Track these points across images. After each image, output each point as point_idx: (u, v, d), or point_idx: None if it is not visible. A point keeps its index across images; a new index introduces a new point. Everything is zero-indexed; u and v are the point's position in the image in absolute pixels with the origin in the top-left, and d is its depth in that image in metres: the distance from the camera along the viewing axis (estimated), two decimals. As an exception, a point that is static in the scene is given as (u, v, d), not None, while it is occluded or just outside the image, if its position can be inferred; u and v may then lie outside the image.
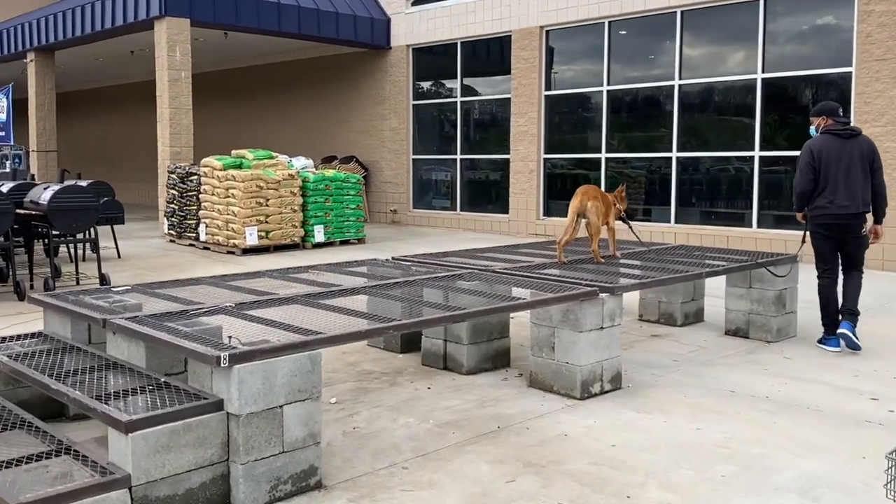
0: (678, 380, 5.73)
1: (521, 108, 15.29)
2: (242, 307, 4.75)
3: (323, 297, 5.12)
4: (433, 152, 17.47)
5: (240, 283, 5.76)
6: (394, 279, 5.76)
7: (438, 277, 5.78)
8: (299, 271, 6.29)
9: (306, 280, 5.86)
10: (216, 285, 5.69)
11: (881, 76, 11.11)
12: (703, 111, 13.31)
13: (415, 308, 4.95)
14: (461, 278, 5.86)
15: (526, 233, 15.23)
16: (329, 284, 5.61)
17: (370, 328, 4.09)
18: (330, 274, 6.23)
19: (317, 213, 13.51)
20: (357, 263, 6.67)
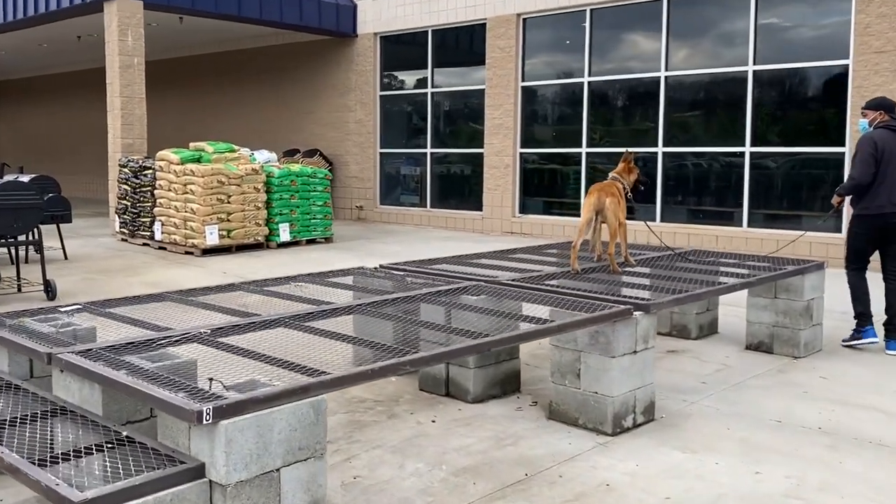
0: (714, 407, 5.06)
1: (496, 99, 14.57)
2: (219, 333, 3.94)
3: (313, 317, 4.33)
4: (401, 146, 16.67)
5: (211, 299, 4.94)
6: (390, 294, 4.99)
7: (441, 292, 5.02)
8: (278, 283, 5.47)
9: (288, 295, 5.05)
10: (183, 302, 4.85)
11: (880, 69, 10.62)
12: (691, 104, 12.74)
13: (424, 333, 4.19)
14: (466, 292, 5.10)
15: (501, 231, 14.53)
16: (317, 301, 4.81)
17: (384, 365, 3.32)
18: (314, 286, 5.43)
19: (282, 210, 12.63)
20: (342, 273, 5.88)
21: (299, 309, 4.52)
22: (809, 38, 11.47)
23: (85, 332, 4.08)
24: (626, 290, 5.15)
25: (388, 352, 3.60)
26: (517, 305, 4.98)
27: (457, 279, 5.53)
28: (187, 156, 12.16)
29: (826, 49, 11.26)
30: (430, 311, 4.80)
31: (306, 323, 4.24)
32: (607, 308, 4.53)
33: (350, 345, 3.95)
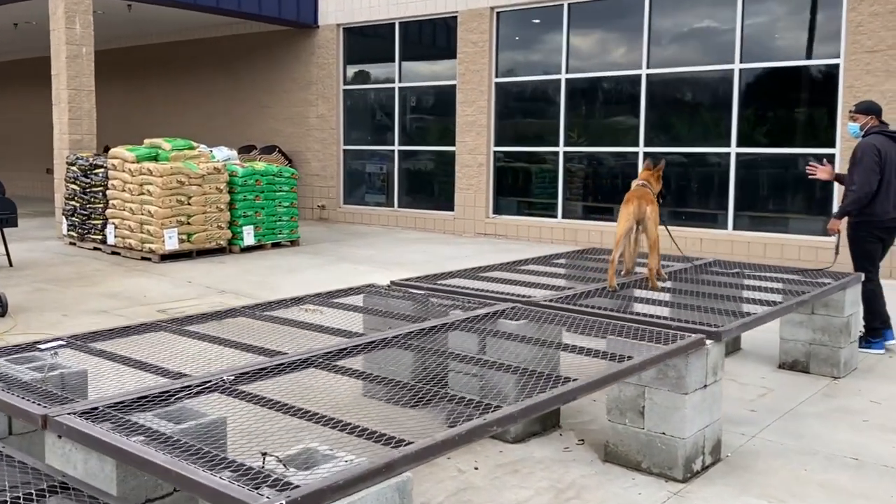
0: (778, 442, 4.57)
1: (468, 95, 13.98)
2: (242, 379, 3.27)
3: (346, 354, 3.68)
4: (367, 143, 15.96)
5: (212, 329, 4.24)
6: (421, 320, 4.36)
7: (478, 318, 4.41)
8: (284, 306, 4.80)
9: (302, 323, 4.38)
10: (180, 333, 4.15)
11: (872, 69, 10.36)
12: (674, 103, 12.35)
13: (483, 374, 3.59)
14: (504, 316, 4.51)
15: (474, 232, 13.97)
16: (340, 331, 4.16)
17: (473, 427, 2.71)
18: (327, 311, 4.76)
19: (246, 211, 11.84)
20: (353, 292, 5.22)
21: (326, 343, 3.87)
22: (799, 37, 11.17)
23: (76, 378, 3.38)
24: (681, 313, 4.63)
25: (457, 403, 2.99)
26: (567, 333, 4.41)
27: (485, 299, 4.94)
28: (143, 153, 11.27)
29: (816, 48, 10.98)
30: (475, 343, 4.19)
31: (340, 361, 3.60)
32: (679, 338, 3.99)
33: (403, 392, 3.32)
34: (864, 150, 6.33)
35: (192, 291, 8.86)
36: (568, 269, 6.29)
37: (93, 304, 8.11)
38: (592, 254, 7.19)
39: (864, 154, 6.31)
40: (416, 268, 10.44)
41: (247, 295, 8.63)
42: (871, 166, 6.23)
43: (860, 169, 6.28)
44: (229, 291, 8.86)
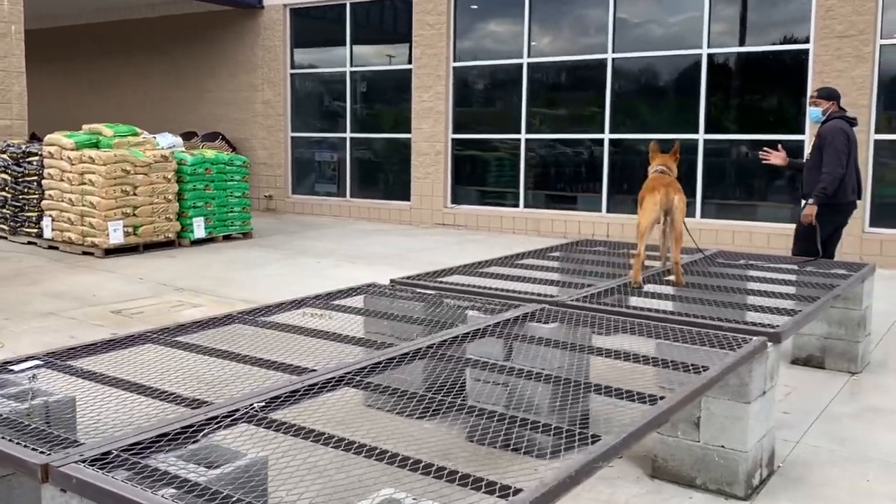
0: (826, 448, 4.26)
1: (425, 80, 13.45)
2: (273, 406, 2.74)
3: (381, 368, 3.19)
4: (316, 130, 15.29)
5: (210, 341, 3.68)
6: (447, 326, 3.89)
7: (507, 322, 3.95)
8: (282, 310, 4.24)
9: (311, 331, 3.84)
10: (173, 346, 3.57)
11: (842, 54, 10.25)
12: (641, 89, 12.08)
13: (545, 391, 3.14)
14: (532, 319, 4.07)
15: (432, 223, 13.49)
16: (357, 339, 3.65)
17: (582, 464, 2.26)
18: (335, 315, 4.24)
19: (196, 202, 11.10)
20: (354, 292, 4.70)
21: (352, 355, 3.36)
22: (768, 21, 11.00)
23: (64, 408, 2.80)
24: (723, 311, 4.26)
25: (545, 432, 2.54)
26: (609, 337, 3.99)
27: (502, 299, 4.48)
28: (83, 140, 10.44)
29: (785, 33, 10.83)
30: (515, 352, 3.74)
31: (375, 377, 3.10)
32: (742, 340, 3.61)
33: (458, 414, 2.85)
34: (833, 133, 6.34)
35: (145, 289, 8.17)
36: (571, 264, 5.88)
37: (37, 305, 7.36)
38: (587, 246, 6.80)
39: (834, 138, 6.32)
40: (384, 261, 9.93)
41: (208, 292, 7.99)
42: (841, 149, 6.28)
43: (831, 152, 6.28)
44: (187, 289, 8.19)
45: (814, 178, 6.46)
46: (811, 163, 6.57)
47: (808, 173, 6.61)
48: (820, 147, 6.47)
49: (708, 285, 5.05)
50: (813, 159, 6.53)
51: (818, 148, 6.50)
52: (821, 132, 6.53)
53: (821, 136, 6.49)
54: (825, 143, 6.38)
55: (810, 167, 6.57)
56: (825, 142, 6.39)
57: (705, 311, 4.25)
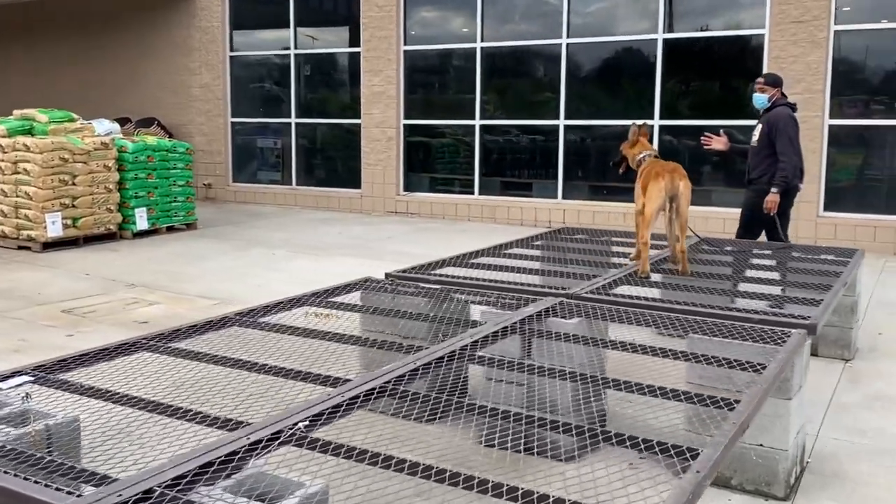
0: (848, 441, 4.15)
1: (374, 64, 13.07)
2: (317, 424, 2.43)
3: (416, 376, 2.89)
4: (259, 115, 14.73)
5: (210, 347, 3.32)
6: (462, 323, 3.62)
7: (529, 317, 3.70)
8: (281, 309, 3.89)
9: (320, 333, 3.51)
10: (172, 354, 3.20)
11: (798, 39, 10.31)
12: (596, 74, 11.95)
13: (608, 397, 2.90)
14: (553, 313, 3.83)
15: (384, 211, 13.14)
16: (373, 342, 3.34)
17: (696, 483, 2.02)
18: (343, 315, 3.91)
19: (138, 192, 10.51)
20: (352, 288, 4.37)
21: (384, 362, 3.05)
22: (724, 6, 10.99)
23: (68, 431, 2.43)
24: (744, 302, 4.10)
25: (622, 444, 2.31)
26: (638, 331, 3.79)
27: (510, 292, 4.23)
28: (15, 126, 9.75)
29: (741, 18, 10.84)
30: (549, 351, 3.49)
31: (413, 386, 2.81)
32: (781, 334, 3.44)
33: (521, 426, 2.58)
34: (785, 120, 6.42)
35: (94, 286, 7.63)
36: (561, 253, 5.66)
37: (-24, 304, 6.79)
38: (568, 234, 6.60)
39: (786, 125, 6.40)
40: (342, 251, 9.57)
41: (162, 288, 7.52)
42: (794, 136, 6.38)
43: (785, 140, 6.34)
44: (140, 284, 7.69)
45: (762, 163, 6.51)
46: (759, 149, 6.61)
47: (754, 158, 6.66)
48: (769, 134, 6.51)
49: (712, 274, 4.90)
50: (761, 145, 6.57)
51: (767, 135, 6.53)
52: (771, 119, 6.57)
53: (771, 123, 6.54)
54: (777, 130, 6.46)
55: (757, 153, 6.61)
56: (776, 129, 6.47)
57: (724, 302, 4.10)
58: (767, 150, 6.45)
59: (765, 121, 6.52)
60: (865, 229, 10.17)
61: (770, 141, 6.40)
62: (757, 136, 6.55)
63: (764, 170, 6.49)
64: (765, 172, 6.49)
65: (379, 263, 8.79)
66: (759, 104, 6.66)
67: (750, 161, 6.64)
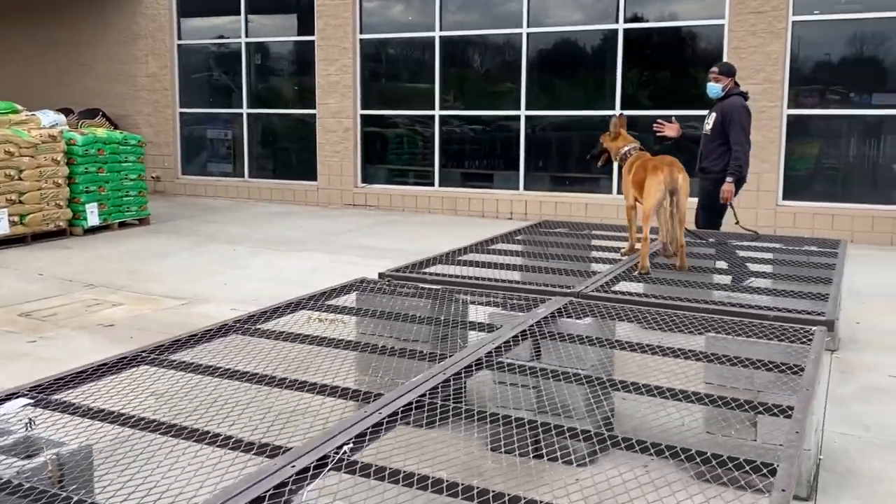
0: (854, 436, 4.13)
1: (329, 53, 12.77)
2: (361, 444, 2.25)
3: (448, 388, 2.74)
4: (209, 105, 14.29)
5: (215, 358, 3.11)
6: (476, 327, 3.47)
7: (545, 320, 3.57)
8: (280, 315, 3.68)
9: (330, 340, 3.32)
10: (175, 367, 2.99)
11: (757, 30, 10.38)
12: (557, 65, 11.88)
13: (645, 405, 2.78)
14: (565, 314, 3.71)
15: (341, 203, 12.88)
16: (392, 350, 3.16)
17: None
18: (348, 320, 3.72)
19: (88, 186, 10.07)
20: (348, 289, 4.18)
21: (410, 372, 2.89)
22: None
23: (82, 462, 2.21)
24: (756, 298, 4.04)
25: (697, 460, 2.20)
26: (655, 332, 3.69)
27: (511, 291, 4.10)
28: (-45, 118, 9.22)
29: (700, 8, 10.87)
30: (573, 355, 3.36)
31: (453, 400, 2.65)
32: (802, 332, 3.38)
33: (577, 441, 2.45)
34: (739, 110, 6.50)
35: (50, 287, 7.26)
36: (550, 248, 5.55)
37: (-77, 310, 6.38)
38: (548, 227, 6.50)
39: (741, 115, 6.48)
40: (305, 246, 9.32)
41: (124, 288, 7.19)
42: (747, 125, 6.46)
43: (738, 129, 6.42)
44: (98, 285, 7.34)
45: (714, 152, 6.55)
46: (712, 137, 6.64)
47: (707, 147, 6.69)
48: (723, 123, 6.55)
49: (708, 269, 4.84)
50: (714, 134, 6.61)
51: (720, 124, 6.58)
52: (724, 109, 6.62)
53: (724, 112, 6.59)
54: (730, 120, 6.53)
55: (711, 141, 6.64)
56: (730, 119, 6.53)
57: (730, 299, 4.03)
58: (720, 139, 6.52)
59: (718, 110, 6.56)
60: (824, 217, 10.32)
61: (723, 130, 6.45)
62: (711, 124, 6.57)
63: (717, 158, 6.53)
64: (718, 161, 6.52)
65: (346, 259, 8.59)
66: (713, 93, 6.70)
67: (702, 149, 6.64)
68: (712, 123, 6.53)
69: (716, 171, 6.47)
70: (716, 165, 6.44)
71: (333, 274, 7.85)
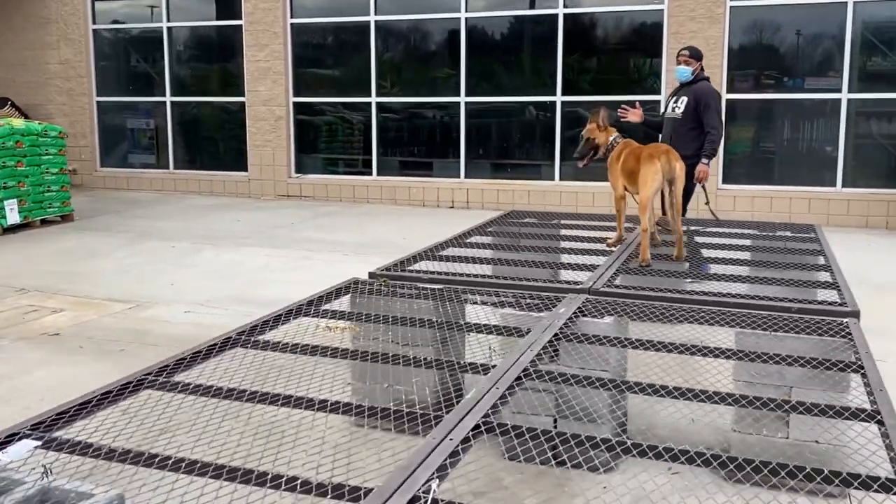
0: (861, 424, 4.10)
1: (259, 38, 12.24)
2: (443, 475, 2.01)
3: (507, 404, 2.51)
4: (128, 93, 13.53)
5: (228, 379, 2.79)
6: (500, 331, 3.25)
7: (570, 320, 3.38)
8: (281, 322, 3.37)
9: (351, 353, 3.04)
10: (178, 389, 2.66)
11: (696, 15, 10.44)
12: (497, 50, 11.69)
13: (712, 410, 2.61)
14: (585, 314, 3.53)
15: (274, 195, 12.41)
16: (422, 361, 2.91)
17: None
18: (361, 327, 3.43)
19: (6, 182, 9.35)
20: (343, 291, 3.88)
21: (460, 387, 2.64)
22: (624, -19, 10.98)
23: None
24: (768, 289, 3.95)
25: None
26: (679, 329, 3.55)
27: (515, 289, 3.89)
28: None
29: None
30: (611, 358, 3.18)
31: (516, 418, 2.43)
32: (838, 325, 3.29)
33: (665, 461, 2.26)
34: (712, 94, 6.49)
35: (-23, 293, 6.66)
36: (533, 241, 5.35)
37: None
38: (517, 218, 6.32)
39: (713, 99, 6.45)
40: (249, 241, 8.89)
41: (61, 292, 6.66)
42: (720, 109, 6.47)
43: (713, 112, 6.38)
44: (32, 289, 6.79)
45: (686, 136, 6.44)
46: (683, 122, 6.50)
47: (678, 131, 6.50)
48: (696, 108, 6.46)
49: (703, 259, 4.74)
50: (687, 118, 6.48)
51: (694, 109, 6.48)
52: (697, 93, 6.51)
53: (698, 97, 6.48)
54: (706, 104, 6.40)
55: (682, 125, 6.50)
56: (705, 104, 6.42)
57: (740, 290, 3.94)
58: (693, 123, 6.40)
59: (690, 94, 6.42)
60: (762, 200, 10.50)
61: (696, 114, 6.35)
62: (682, 108, 6.41)
63: (690, 142, 6.39)
64: (690, 145, 6.39)
65: (297, 253, 8.23)
66: (683, 76, 6.54)
67: (670, 133, 6.48)
68: (684, 108, 6.41)
69: (688, 156, 6.36)
70: (688, 149, 6.31)
71: (287, 270, 7.49)
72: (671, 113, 6.54)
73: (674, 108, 6.51)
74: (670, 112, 6.56)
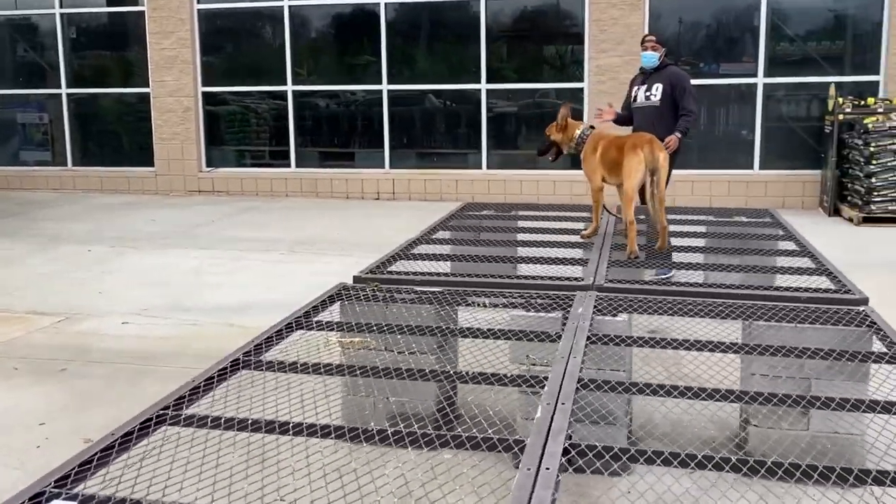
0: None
1: (164, 25, 11.56)
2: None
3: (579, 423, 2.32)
4: (17, 85, 12.55)
5: (251, 408, 2.49)
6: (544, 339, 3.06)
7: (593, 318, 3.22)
8: (282, 337, 3.08)
9: (377, 371, 2.77)
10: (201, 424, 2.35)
11: (617, 2, 10.49)
12: (419, 37, 11.44)
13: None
14: (599, 311, 3.38)
15: (184, 190, 11.79)
16: (463, 376, 2.68)
17: None
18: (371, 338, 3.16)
19: None
20: (333, 299, 3.59)
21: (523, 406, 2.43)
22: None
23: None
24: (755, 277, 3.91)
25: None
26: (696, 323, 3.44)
27: (514, 288, 3.71)
28: None
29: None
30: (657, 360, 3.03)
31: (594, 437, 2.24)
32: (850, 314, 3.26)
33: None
34: (687, 78, 6.53)
35: None
36: (506, 234, 5.18)
37: None
38: (476, 210, 6.13)
39: (689, 83, 6.49)
40: (169, 243, 8.38)
41: (-21, 307, 6.05)
42: (694, 92, 6.49)
43: (689, 96, 6.40)
44: (-55, 305, 6.13)
45: (664, 121, 6.41)
46: (661, 108, 6.50)
47: (656, 118, 6.47)
48: (672, 94, 6.47)
49: (696, 247, 4.69)
50: (664, 105, 6.48)
51: (670, 95, 6.48)
52: (672, 79, 6.50)
53: (673, 83, 6.48)
54: (683, 88, 6.42)
55: (659, 111, 6.49)
56: (682, 88, 6.43)
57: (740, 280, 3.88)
58: (671, 108, 6.38)
59: (665, 80, 6.38)
60: (683, 184, 10.64)
61: (673, 100, 6.33)
62: (658, 95, 6.37)
63: (671, 128, 6.35)
64: (670, 130, 6.37)
65: (227, 254, 7.79)
66: (650, 62, 6.48)
67: (651, 121, 6.40)
68: (660, 94, 6.33)
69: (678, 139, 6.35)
70: (668, 135, 6.27)
71: (223, 273, 7.06)
72: (645, 101, 6.44)
73: (647, 96, 6.42)
74: (643, 100, 6.46)
